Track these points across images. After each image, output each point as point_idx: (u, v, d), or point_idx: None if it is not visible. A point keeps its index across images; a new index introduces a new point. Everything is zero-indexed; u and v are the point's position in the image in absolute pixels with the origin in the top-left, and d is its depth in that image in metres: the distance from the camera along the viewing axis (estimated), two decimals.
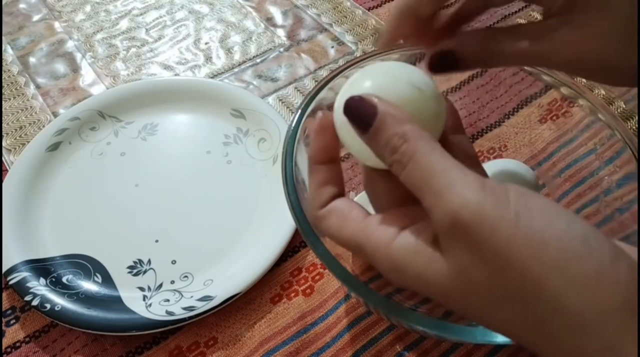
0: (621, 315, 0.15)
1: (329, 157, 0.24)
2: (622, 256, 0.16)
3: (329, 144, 0.24)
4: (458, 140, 0.27)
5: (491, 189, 0.17)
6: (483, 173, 0.26)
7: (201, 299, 0.37)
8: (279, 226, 0.40)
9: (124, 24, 0.62)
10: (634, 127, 0.47)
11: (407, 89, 0.22)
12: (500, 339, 0.24)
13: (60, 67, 0.57)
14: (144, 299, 0.38)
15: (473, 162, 0.26)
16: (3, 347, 0.37)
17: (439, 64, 0.25)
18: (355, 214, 0.22)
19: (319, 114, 0.24)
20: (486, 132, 0.45)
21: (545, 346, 0.17)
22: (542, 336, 0.17)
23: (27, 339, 0.37)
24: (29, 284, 0.37)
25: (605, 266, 0.16)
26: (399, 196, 0.23)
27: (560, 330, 0.16)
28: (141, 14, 0.63)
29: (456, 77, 0.41)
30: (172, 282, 0.39)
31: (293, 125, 0.32)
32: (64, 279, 0.39)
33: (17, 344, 0.37)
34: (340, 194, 0.23)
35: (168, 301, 0.38)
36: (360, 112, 0.21)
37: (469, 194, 0.17)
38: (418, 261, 0.19)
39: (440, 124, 0.23)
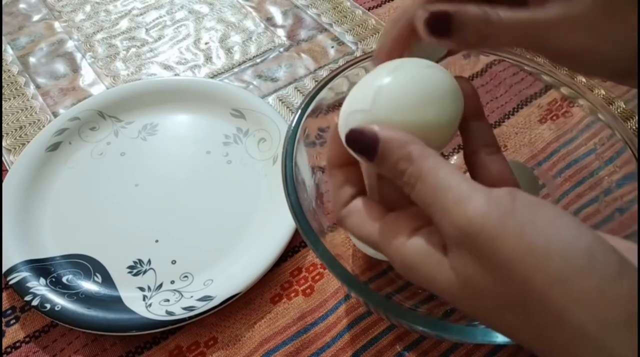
0: (623, 329, 0.16)
1: (345, 160, 0.25)
2: (627, 271, 0.16)
3: (344, 149, 0.24)
4: (477, 127, 0.26)
5: (496, 200, 0.18)
6: (503, 160, 0.25)
7: (201, 299, 0.37)
8: (279, 226, 0.40)
9: (124, 24, 0.62)
10: (634, 127, 0.47)
11: (418, 90, 0.22)
12: (500, 339, 0.24)
13: (60, 67, 0.57)
14: (144, 299, 0.38)
15: (492, 150, 0.25)
16: (3, 347, 0.37)
17: (434, 25, 0.23)
18: (373, 214, 0.23)
19: (334, 120, 0.25)
20: None
21: (549, 352, 0.17)
22: (546, 344, 0.17)
23: (27, 339, 0.37)
24: (29, 284, 0.37)
25: (609, 281, 0.16)
26: (405, 195, 0.24)
27: (563, 341, 0.17)
28: (141, 14, 0.63)
29: None
30: (172, 282, 0.39)
31: (293, 125, 0.32)
32: (64, 279, 0.39)
33: (17, 344, 0.37)
34: (360, 192, 0.24)
35: (168, 301, 0.38)
36: (363, 145, 0.22)
37: (474, 208, 0.18)
38: (428, 263, 0.20)
39: (457, 120, 0.24)
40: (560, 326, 0.16)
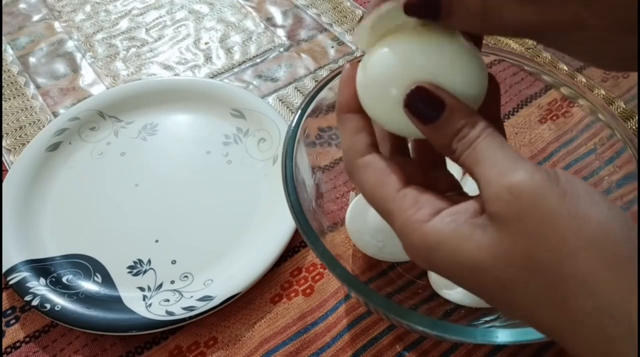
0: None
1: (359, 105, 0.23)
2: None
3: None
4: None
5: (544, 170, 0.18)
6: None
7: (201, 299, 0.37)
8: (279, 226, 0.40)
9: (124, 24, 0.62)
10: (634, 127, 0.47)
11: (447, 58, 0.21)
12: (500, 339, 0.24)
13: (60, 67, 0.57)
14: (144, 299, 0.38)
15: None
16: (3, 347, 0.37)
17: (415, 4, 0.21)
18: (394, 179, 0.21)
19: (346, 65, 0.24)
20: None
21: (568, 326, 0.17)
22: (567, 314, 0.17)
23: (27, 339, 0.37)
24: (29, 284, 0.37)
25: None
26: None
27: (586, 309, 0.17)
28: (141, 14, 0.63)
29: None
30: (172, 282, 0.39)
31: (293, 125, 0.32)
32: (64, 279, 0.39)
33: (17, 344, 0.37)
34: (375, 143, 0.23)
35: (168, 301, 0.37)
36: (427, 106, 0.21)
37: (527, 172, 0.18)
38: (454, 237, 0.19)
39: (482, 93, 0.22)
40: (587, 292, 0.16)
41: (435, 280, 0.36)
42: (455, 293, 0.33)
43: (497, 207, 0.18)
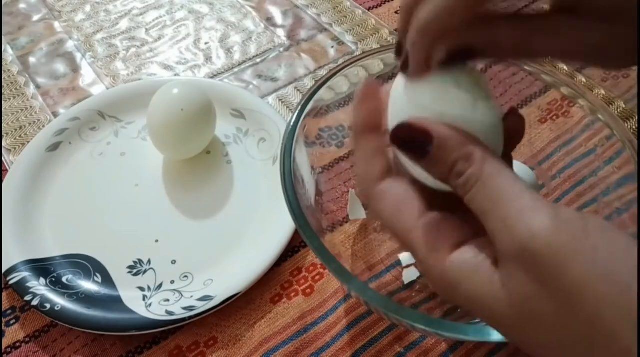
0: None
1: (377, 124, 0.22)
2: None
3: (377, 110, 0.22)
4: None
5: (566, 219, 0.16)
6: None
7: (201, 299, 0.37)
8: (279, 226, 0.40)
9: (124, 24, 0.62)
10: (634, 127, 0.47)
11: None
12: (497, 337, 0.24)
13: (60, 67, 0.57)
14: (144, 299, 0.38)
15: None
16: (3, 347, 0.37)
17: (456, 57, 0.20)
18: (411, 207, 0.20)
19: (365, 81, 0.23)
20: None
21: None
22: None
23: (27, 339, 0.37)
24: (29, 284, 0.37)
25: None
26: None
27: None
28: (141, 14, 0.63)
29: None
30: (172, 282, 0.39)
31: (292, 122, 0.32)
32: (64, 279, 0.39)
33: (17, 344, 0.37)
34: (390, 166, 0.22)
35: (168, 300, 0.37)
36: (413, 141, 0.19)
37: (541, 223, 0.15)
38: (475, 280, 0.17)
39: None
40: None
41: None
42: None
43: (509, 265, 0.16)
